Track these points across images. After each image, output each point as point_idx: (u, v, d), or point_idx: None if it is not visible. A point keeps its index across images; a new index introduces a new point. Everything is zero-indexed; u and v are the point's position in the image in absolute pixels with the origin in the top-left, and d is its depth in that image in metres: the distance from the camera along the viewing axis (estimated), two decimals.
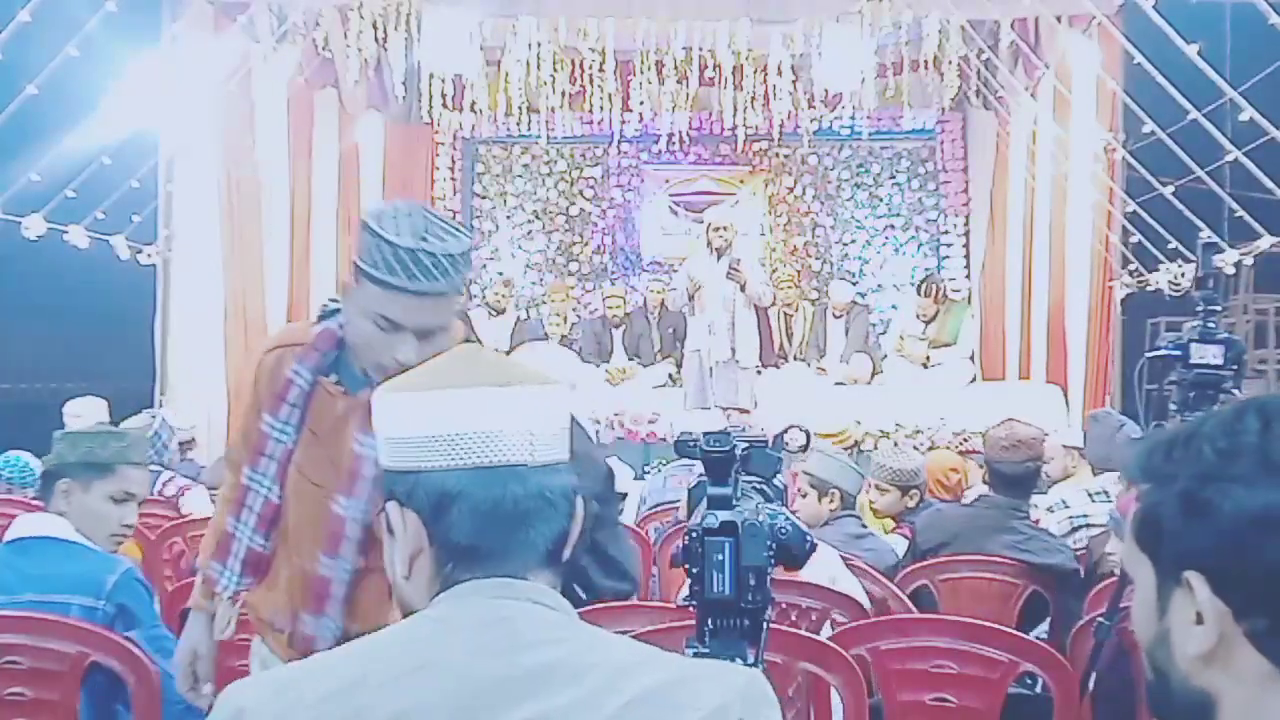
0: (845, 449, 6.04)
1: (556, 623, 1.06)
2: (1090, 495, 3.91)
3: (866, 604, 2.87)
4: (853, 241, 10.31)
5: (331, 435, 1.93)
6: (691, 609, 1.43)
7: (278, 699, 1.00)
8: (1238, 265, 6.41)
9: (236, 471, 2.03)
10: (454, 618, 1.05)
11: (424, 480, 1.10)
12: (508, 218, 10.58)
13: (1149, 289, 7.22)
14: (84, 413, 5.16)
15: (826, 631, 2.67)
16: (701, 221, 8.74)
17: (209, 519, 4.04)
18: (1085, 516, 3.81)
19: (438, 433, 1.09)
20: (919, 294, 8.67)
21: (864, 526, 3.61)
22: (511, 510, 1.09)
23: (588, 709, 0.98)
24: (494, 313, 9.33)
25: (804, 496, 3.50)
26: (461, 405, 1.10)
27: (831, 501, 3.47)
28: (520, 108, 8.94)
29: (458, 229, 1.80)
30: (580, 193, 10.51)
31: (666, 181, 10.38)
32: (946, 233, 10.06)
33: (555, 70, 8.62)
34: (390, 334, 1.76)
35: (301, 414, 1.94)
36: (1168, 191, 6.46)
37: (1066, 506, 3.92)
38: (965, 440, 4.80)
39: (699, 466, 1.45)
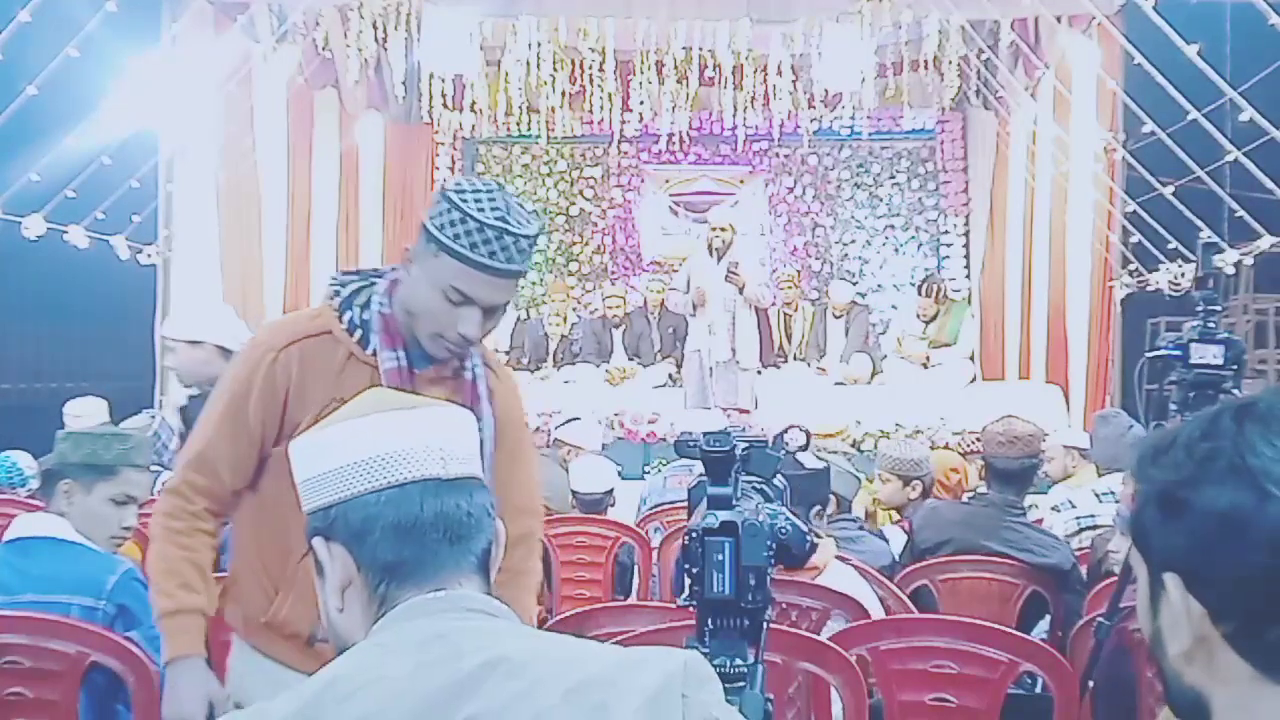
0: (844, 448, 6.03)
1: (496, 630, 1.08)
2: (1097, 496, 3.90)
3: (880, 613, 2.87)
4: (853, 241, 10.31)
5: None
6: (691, 609, 1.42)
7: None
8: (1238, 265, 6.41)
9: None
10: (394, 642, 1.06)
11: (342, 510, 1.12)
12: None
13: (1149, 289, 7.22)
14: (84, 413, 5.16)
15: (827, 631, 2.67)
16: (702, 222, 8.76)
17: None
18: (1093, 517, 3.80)
19: (346, 462, 1.12)
20: (919, 294, 8.68)
21: (861, 529, 3.61)
22: (432, 523, 1.11)
23: (531, 699, 0.99)
24: None
25: None
26: (366, 432, 1.13)
27: (828, 505, 3.47)
28: (520, 108, 8.95)
29: (534, 212, 1.82)
30: (580, 193, 10.51)
31: (666, 181, 10.39)
32: (946, 233, 10.06)
33: (555, 70, 8.62)
34: (459, 307, 1.78)
35: None
36: (1168, 191, 6.46)
37: (1074, 507, 3.91)
38: (977, 440, 4.78)
39: (699, 466, 1.45)
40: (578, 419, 5.42)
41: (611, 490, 4.35)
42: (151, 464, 4.51)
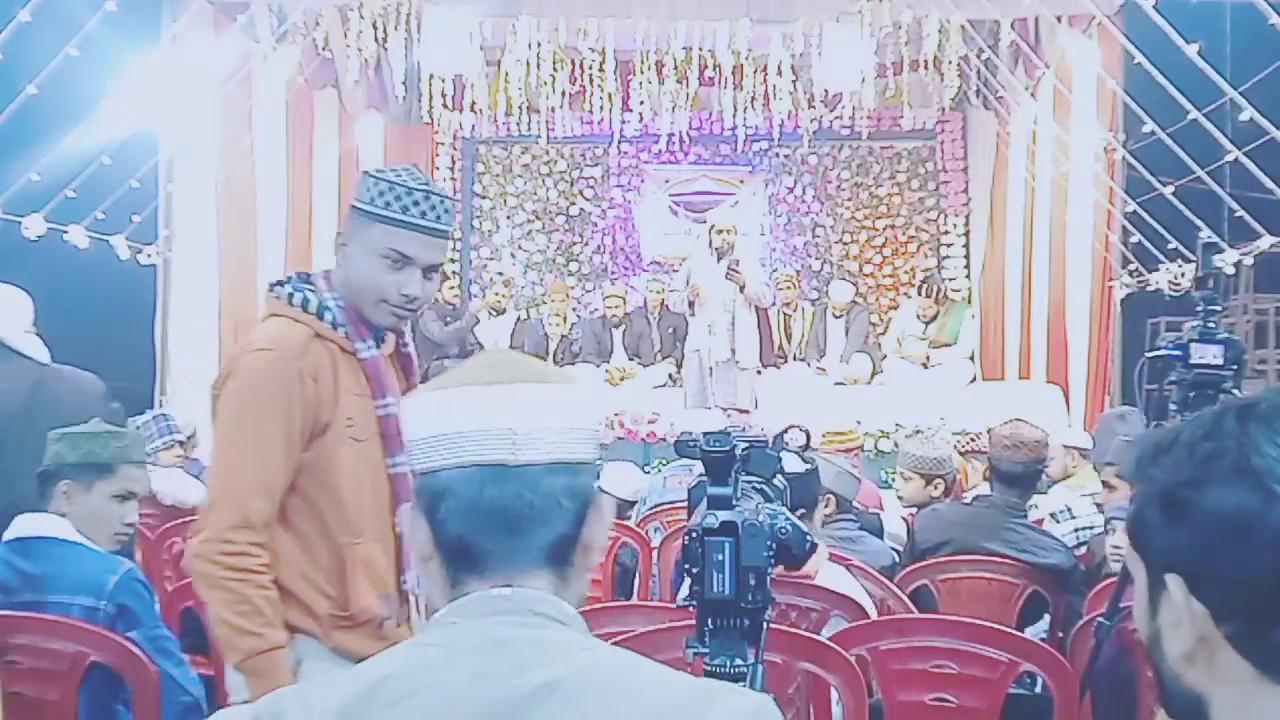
0: (852, 449, 6.03)
1: (559, 642, 1.05)
2: (1097, 505, 3.89)
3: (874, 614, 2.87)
4: (853, 241, 10.31)
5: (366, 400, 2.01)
6: (691, 609, 1.42)
7: (303, 707, 1.02)
8: (1238, 265, 6.41)
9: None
10: (454, 642, 1.04)
11: (425, 480, 1.11)
12: (508, 218, 10.58)
13: (1149, 289, 7.22)
14: None
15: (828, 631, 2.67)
16: (702, 222, 8.76)
17: None
18: (1091, 529, 3.78)
19: (430, 433, 1.11)
20: (919, 294, 8.67)
21: (860, 529, 3.61)
22: (490, 510, 1.08)
23: None
24: (494, 313, 9.32)
25: None
26: (448, 404, 1.11)
27: (827, 506, 3.47)
28: (520, 108, 8.95)
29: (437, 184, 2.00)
30: (580, 193, 10.51)
31: (666, 181, 10.38)
32: (946, 233, 10.06)
33: (555, 70, 8.62)
34: (399, 270, 1.94)
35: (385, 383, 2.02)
36: (1168, 191, 6.46)
37: (1073, 516, 3.89)
38: (974, 440, 4.76)
39: (699, 466, 1.45)
40: None
41: (632, 504, 4.34)
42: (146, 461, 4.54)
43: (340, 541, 1.97)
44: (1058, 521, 3.92)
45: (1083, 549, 3.68)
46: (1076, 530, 3.81)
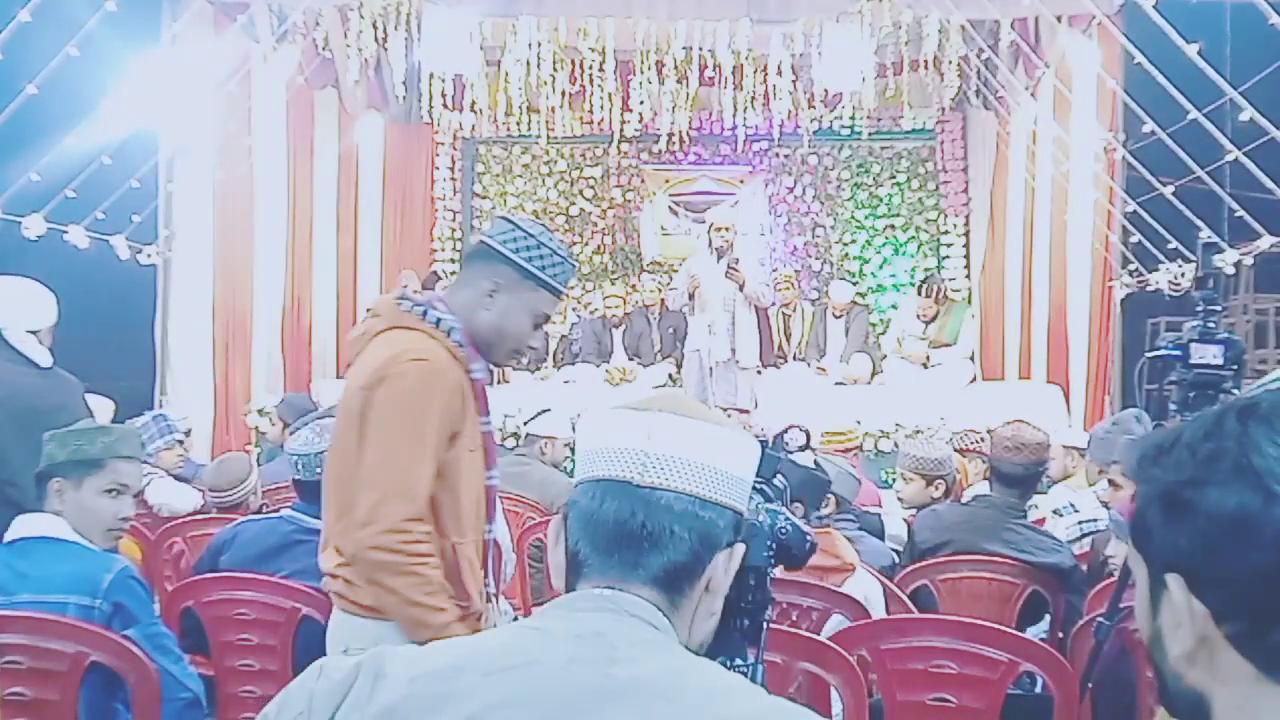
0: (851, 449, 6.03)
1: (652, 641, 1.07)
2: (1103, 502, 3.89)
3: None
4: (853, 241, 10.31)
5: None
6: None
7: (405, 663, 1.06)
8: (1238, 265, 6.41)
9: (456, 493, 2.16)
10: (553, 628, 1.07)
11: (571, 496, 1.18)
12: None
13: (1149, 289, 7.22)
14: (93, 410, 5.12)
15: (827, 631, 2.67)
16: (702, 221, 8.75)
17: (208, 518, 4.05)
18: (1095, 521, 3.78)
19: (584, 449, 1.18)
20: (919, 294, 8.67)
21: (858, 529, 3.61)
22: (603, 522, 1.12)
23: None
24: None
25: None
26: (604, 423, 1.18)
27: (827, 505, 3.48)
28: (520, 108, 8.95)
29: None
30: (580, 193, 10.51)
31: (666, 181, 10.38)
32: (946, 233, 10.06)
33: (555, 70, 8.62)
34: (538, 329, 2.23)
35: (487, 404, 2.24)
36: (1168, 191, 6.46)
37: (1076, 511, 3.89)
38: (980, 439, 4.76)
39: None
40: (547, 410, 5.37)
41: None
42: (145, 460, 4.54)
43: (452, 540, 2.16)
44: (1060, 516, 3.91)
45: (1085, 543, 3.68)
46: (1080, 523, 3.81)
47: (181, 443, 5.11)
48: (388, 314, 2.19)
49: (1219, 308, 2.48)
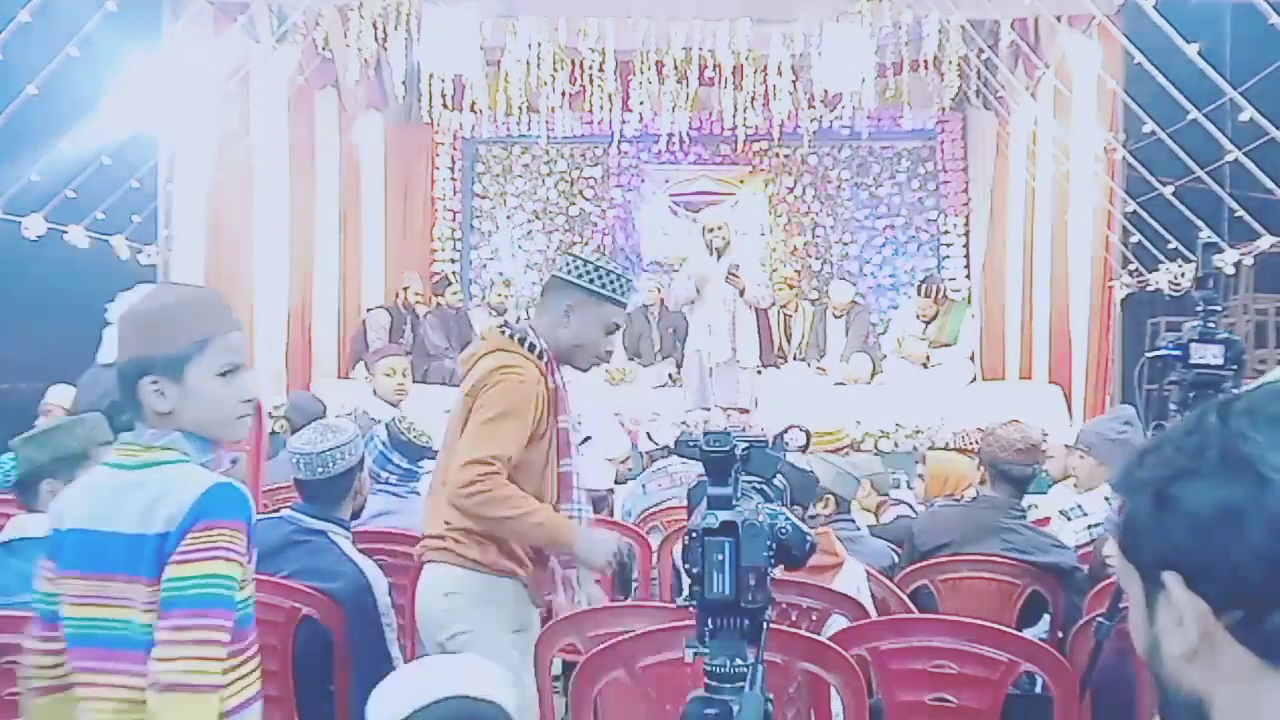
0: (841, 449, 6.02)
1: None
2: (1109, 502, 3.88)
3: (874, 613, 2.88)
4: (853, 241, 10.31)
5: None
6: (691, 609, 1.42)
7: None
8: (1238, 265, 6.41)
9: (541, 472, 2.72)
10: None
11: None
12: (508, 218, 10.59)
13: (1149, 289, 7.22)
14: (65, 402, 5.10)
15: (827, 631, 2.67)
16: (699, 221, 8.75)
17: None
18: (1105, 525, 3.76)
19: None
20: (919, 294, 8.67)
21: (857, 529, 3.61)
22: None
23: None
24: (495, 313, 9.33)
25: None
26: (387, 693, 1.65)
27: (826, 506, 3.48)
28: (520, 108, 8.95)
29: None
30: (580, 193, 10.51)
31: (666, 181, 10.39)
32: (946, 233, 10.06)
33: (555, 70, 8.62)
34: (610, 336, 2.80)
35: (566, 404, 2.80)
36: (1168, 191, 6.46)
37: (1085, 514, 3.88)
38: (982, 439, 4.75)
39: (673, 467, 1.46)
40: (589, 439, 5.16)
41: (612, 490, 4.34)
42: None
43: None
44: (1069, 519, 3.90)
45: (1089, 548, 3.67)
46: (1089, 527, 3.79)
47: None
48: (492, 339, 2.80)
49: (1219, 308, 2.48)
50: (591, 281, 2.72)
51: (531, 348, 2.73)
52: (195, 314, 1.83)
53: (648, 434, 5.69)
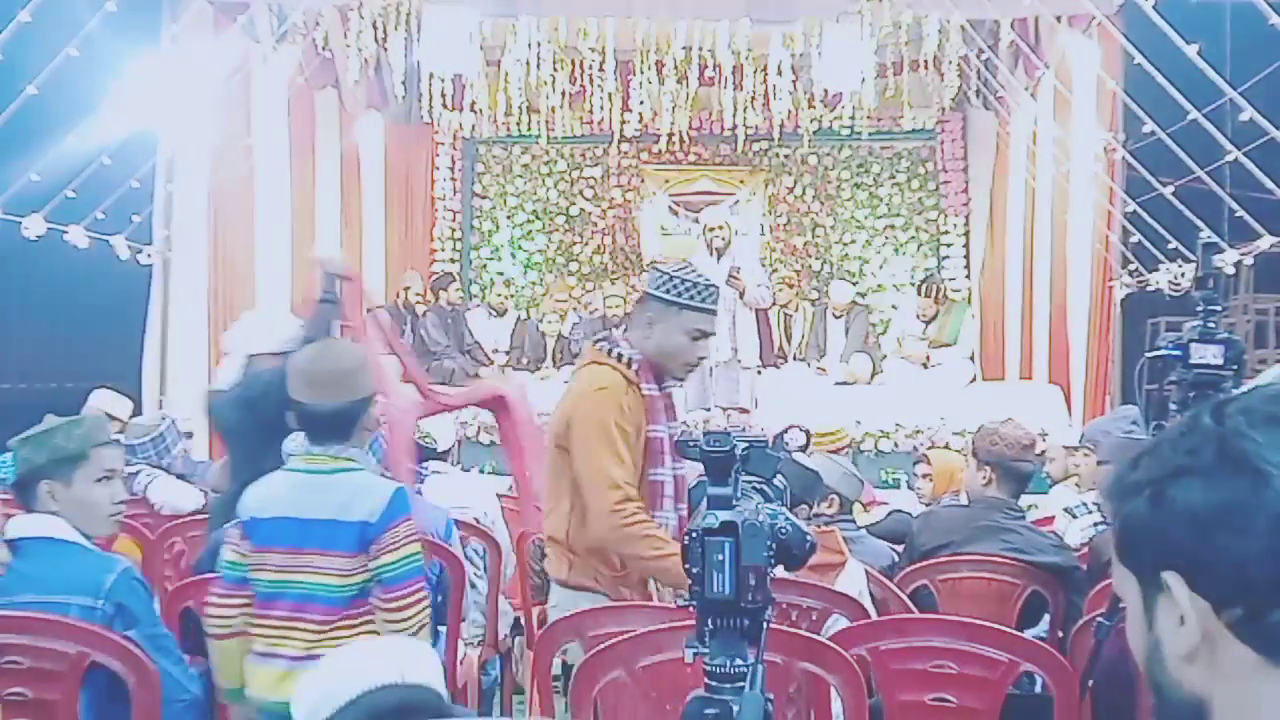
0: (841, 449, 6.02)
1: None
2: None
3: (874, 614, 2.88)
4: (853, 241, 10.31)
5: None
6: (691, 609, 1.42)
7: None
8: (1238, 265, 6.41)
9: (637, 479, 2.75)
10: None
11: None
12: (508, 218, 10.59)
13: (1149, 289, 7.22)
14: (107, 407, 5.08)
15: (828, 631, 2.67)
16: (699, 221, 8.76)
17: (207, 518, 4.06)
18: (1107, 523, 3.76)
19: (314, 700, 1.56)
20: (919, 294, 8.67)
21: (858, 529, 3.61)
22: (394, 709, 1.49)
23: None
24: (494, 313, 9.33)
25: None
26: (322, 686, 1.57)
27: (831, 505, 3.48)
28: (520, 108, 8.95)
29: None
30: (580, 193, 10.51)
31: (666, 181, 10.38)
32: (946, 233, 10.06)
33: (555, 70, 8.63)
34: (697, 341, 2.81)
35: (662, 415, 2.84)
36: (1168, 191, 6.46)
37: (1090, 512, 3.87)
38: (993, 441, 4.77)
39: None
40: None
41: None
42: (153, 464, 4.54)
43: None
44: (1074, 517, 3.89)
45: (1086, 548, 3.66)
46: (1095, 525, 3.79)
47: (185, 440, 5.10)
48: (588, 353, 2.91)
49: (1219, 308, 2.48)
50: (667, 290, 2.78)
51: (619, 357, 2.81)
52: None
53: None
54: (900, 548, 3.67)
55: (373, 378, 2.77)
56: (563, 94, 9.01)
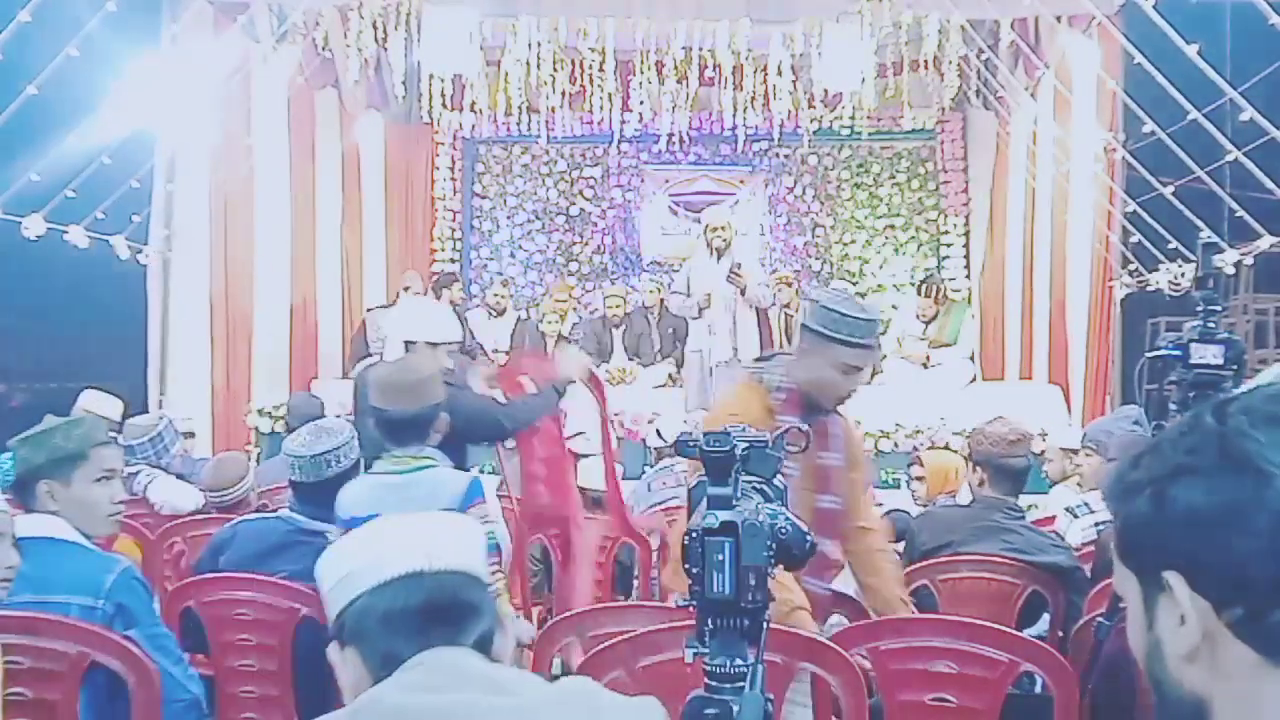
0: None
1: (512, 674, 1.24)
2: None
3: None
4: (853, 241, 10.31)
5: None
6: (691, 609, 1.42)
7: None
8: (1238, 265, 6.41)
9: None
10: (398, 675, 1.25)
11: (347, 615, 1.31)
12: (508, 218, 10.59)
13: (1149, 289, 7.22)
14: (96, 407, 5.09)
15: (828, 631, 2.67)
16: (700, 221, 8.75)
17: (207, 517, 4.06)
18: (1111, 523, 3.75)
19: (341, 574, 1.34)
20: (919, 294, 8.67)
21: None
22: (420, 608, 1.28)
23: None
24: (494, 313, 9.32)
25: None
26: (352, 547, 1.37)
27: None
28: (520, 108, 8.95)
29: (870, 301, 2.65)
30: (580, 193, 10.51)
31: (666, 181, 10.39)
32: (946, 233, 10.06)
33: (555, 70, 8.62)
34: (849, 376, 2.75)
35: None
36: (1168, 191, 6.46)
37: (1091, 511, 3.87)
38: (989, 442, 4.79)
39: (680, 467, 1.47)
40: (582, 433, 5.27)
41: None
42: (151, 463, 4.53)
43: None
44: (1075, 516, 3.89)
45: (1095, 545, 3.66)
46: (1097, 524, 3.79)
47: (187, 438, 5.10)
48: (741, 375, 2.98)
49: (1219, 308, 2.48)
50: (819, 322, 2.76)
51: (766, 383, 2.82)
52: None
53: (657, 430, 5.70)
54: (900, 547, 3.67)
55: (440, 387, 3.08)
56: (563, 94, 9.01)
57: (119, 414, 5.17)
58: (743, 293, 7.23)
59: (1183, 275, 6.59)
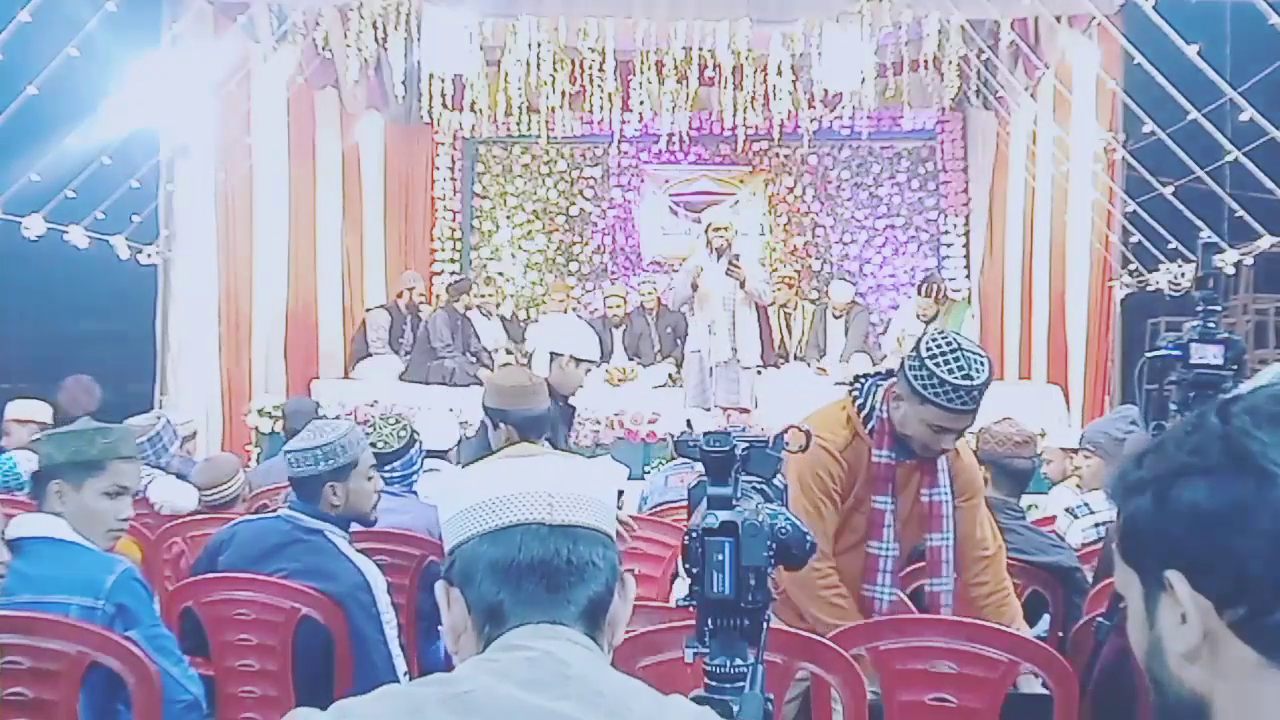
0: None
1: (598, 662, 1.13)
2: None
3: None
4: (853, 241, 10.31)
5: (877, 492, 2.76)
6: (691, 609, 1.42)
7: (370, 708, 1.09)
8: (1238, 265, 6.42)
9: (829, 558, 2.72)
10: (499, 656, 1.12)
11: (459, 555, 1.19)
12: (508, 218, 10.58)
13: (1149, 289, 7.22)
14: (24, 415, 5.13)
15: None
16: (701, 221, 8.75)
17: (206, 517, 4.06)
18: (1111, 523, 3.75)
19: (460, 508, 1.21)
20: (919, 294, 8.66)
21: None
22: (526, 565, 1.17)
23: None
24: (489, 314, 9.32)
25: None
26: (476, 480, 1.23)
27: None
28: (520, 108, 8.94)
29: (985, 358, 2.63)
30: (580, 193, 10.51)
31: (666, 181, 10.38)
32: (946, 233, 10.06)
33: (555, 70, 8.62)
34: (939, 435, 2.65)
35: (893, 486, 2.74)
36: (1168, 191, 6.46)
37: (1092, 512, 3.87)
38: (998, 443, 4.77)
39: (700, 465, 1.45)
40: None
41: (621, 493, 4.34)
42: (150, 463, 4.53)
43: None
44: (1075, 517, 3.89)
45: (1097, 546, 3.65)
46: (1097, 525, 3.78)
47: (187, 440, 5.10)
48: (840, 393, 2.89)
49: (1219, 308, 2.47)
50: (915, 377, 2.65)
51: (861, 409, 2.75)
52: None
53: (687, 421, 5.70)
54: None
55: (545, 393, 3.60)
56: (563, 94, 9.01)
57: (50, 417, 5.18)
58: (742, 285, 7.22)
59: (1183, 275, 6.59)
